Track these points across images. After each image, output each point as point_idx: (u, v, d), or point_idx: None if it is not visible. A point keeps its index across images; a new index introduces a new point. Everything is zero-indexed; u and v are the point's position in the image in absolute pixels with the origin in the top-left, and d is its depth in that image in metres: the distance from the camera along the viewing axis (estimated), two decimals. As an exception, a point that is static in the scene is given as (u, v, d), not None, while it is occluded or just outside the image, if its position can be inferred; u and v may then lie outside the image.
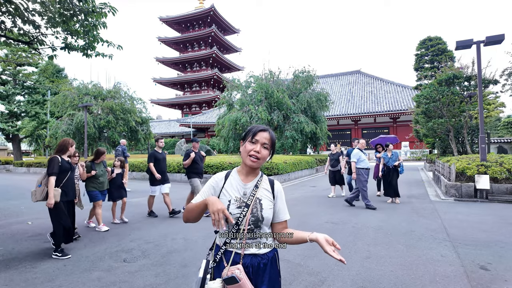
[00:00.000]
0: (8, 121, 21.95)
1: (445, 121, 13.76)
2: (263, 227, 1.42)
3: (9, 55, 19.89)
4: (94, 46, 6.02)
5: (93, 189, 5.26)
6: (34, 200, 4.03)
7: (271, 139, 1.42)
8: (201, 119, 41.25)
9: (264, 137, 1.41)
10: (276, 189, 1.50)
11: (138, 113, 23.79)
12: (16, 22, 5.46)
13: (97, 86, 23.87)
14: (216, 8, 47.06)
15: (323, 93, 19.84)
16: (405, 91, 33.14)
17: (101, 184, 5.32)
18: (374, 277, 3.24)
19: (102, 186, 5.33)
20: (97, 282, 3.15)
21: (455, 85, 14.25)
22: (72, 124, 20.69)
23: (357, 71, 40.90)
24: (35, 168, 19.90)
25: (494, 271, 3.35)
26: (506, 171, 7.87)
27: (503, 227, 5.19)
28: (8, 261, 3.78)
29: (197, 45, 51.30)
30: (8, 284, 3.11)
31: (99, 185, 5.29)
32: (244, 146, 1.43)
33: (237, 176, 1.48)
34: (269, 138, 1.42)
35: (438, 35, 27.84)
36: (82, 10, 5.23)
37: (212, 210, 1.24)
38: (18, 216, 6.41)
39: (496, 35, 8.55)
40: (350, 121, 33.77)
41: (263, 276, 1.40)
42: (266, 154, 1.41)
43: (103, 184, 5.36)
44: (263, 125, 1.47)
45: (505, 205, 7.18)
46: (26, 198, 8.77)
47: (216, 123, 20.53)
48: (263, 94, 18.17)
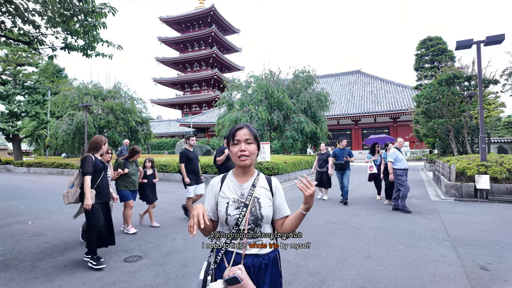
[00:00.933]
0: (8, 121, 21.95)
1: (445, 121, 13.75)
2: (263, 225, 1.42)
3: (9, 55, 19.87)
4: (94, 46, 6.01)
5: (125, 189, 5.05)
6: (66, 202, 3.79)
7: (251, 133, 1.43)
8: (201, 119, 41.24)
9: (243, 134, 1.42)
10: (274, 186, 1.50)
11: (138, 113, 23.80)
12: (16, 22, 5.46)
13: (97, 86, 23.87)
14: (216, 8, 47.05)
15: (323, 93, 19.84)
16: (405, 91, 33.12)
17: (133, 183, 5.13)
18: (374, 277, 3.24)
19: (133, 186, 5.14)
20: (97, 282, 3.15)
21: (455, 85, 14.25)
22: (72, 124, 20.69)
23: (357, 71, 40.87)
24: (35, 168, 19.89)
25: (494, 271, 3.35)
26: (506, 171, 7.87)
27: (503, 227, 5.18)
28: (8, 261, 3.78)
29: (197, 45, 51.29)
30: (8, 284, 3.11)
31: (131, 184, 5.10)
32: (230, 151, 1.45)
33: (233, 178, 1.49)
34: (248, 133, 1.42)
35: (438, 35, 27.82)
36: (82, 10, 5.23)
37: (191, 215, 1.26)
38: (18, 216, 6.41)
39: (496, 35, 8.54)
40: (350, 121, 33.75)
41: (264, 276, 1.40)
42: (253, 148, 1.42)
43: (135, 183, 5.17)
44: (240, 124, 1.48)
45: (505, 205, 7.18)
46: (26, 198, 8.78)
47: (216, 123, 20.53)
48: (263, 94, 18.17)
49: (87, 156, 3.75)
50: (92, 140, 3.91)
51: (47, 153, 30.55)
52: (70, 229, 5.27)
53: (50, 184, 12.61)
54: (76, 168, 17.79)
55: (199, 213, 1.25)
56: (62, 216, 6.38)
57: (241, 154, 1.40)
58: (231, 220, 1.39)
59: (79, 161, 18.84)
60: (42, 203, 7.98)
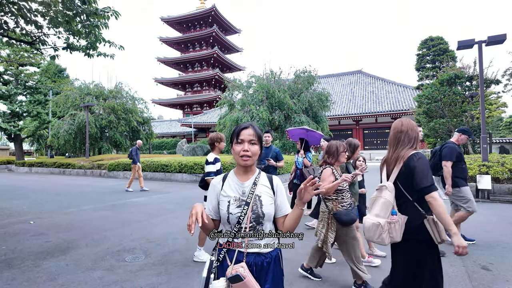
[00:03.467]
0: (10, 121, 22.02)
1: (447, 121, 13.73)
2: (265, 223, 1.43)
3: (11, 55, 19.94)
4: (96, 46, 6.04)
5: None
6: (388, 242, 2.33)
7: (255, 133, 1.43)
8: (203, 119, 41.27)
9: (248, 134, 1.42)
10: (275, 184, 1.50)
11: (140, 113, 23.86)
12: (18, 22, 5.48)
13: (98, 86, 23.94)
14: (217, 8, 47.09)
15: (325, 93, 19.82)
16: (406, 91, 33.07)
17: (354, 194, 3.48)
18: (375, 276, 3.24)
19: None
20: (99, 281, 3.16)
21: (456, 85, 14.24)
22: (73, 124, 20.76)
23: (358, 71, 40.84)
24: (36, 168, 19.94)
25: (496, 271, 3.35)
26: (508, 171, 7.85)
27: (505, 228, 5.18)
28: (10, 260, 3.80)
29: (198, 45, 51.34)
30: (10, 283, 3.13)
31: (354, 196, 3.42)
32: (233, 149, 1.45)
33: (234, 177, 1.49)
34: (253, 133, 1.43)
35: (439, 35, 27.78)
36: (85, 11, 5.25)
37: (190, 214, 1.27)
38: (20, 216, 6.43)
39: (498, 35, 8.52)
40: (351, 121, 33.72)
41: (266, 275, 1.40)
42: (256, 149, 1.43)
43: (356, 194, 3.56)
44: (245, 123, 1.48)
45: (507, 205, 7.16)
46: (28, 198, 8.81)
47: (218, 123, 20.55)
48: (264, 94, 18.17)
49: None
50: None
51: (49, 153, 30.64)
52: (71, 229, 5.29)
53: (51, 184, 12.65)
54: (78, 168, 17.76)
55: (198, 211, 1.25)
56: (64, 215, 6.40)
57: (244, 154, 1.40)
58: (233, 218, 1.40)
59: (80, 160, 18.89)
60: (44, 202, 8.01)
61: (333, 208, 2.96)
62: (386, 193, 2.06)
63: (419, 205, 1.99)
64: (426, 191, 1.91)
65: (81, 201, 8.14)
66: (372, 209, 2.14)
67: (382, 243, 2.02)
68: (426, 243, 1.98)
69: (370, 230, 2.07)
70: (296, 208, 1.40)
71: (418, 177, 1.95)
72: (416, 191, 1.97)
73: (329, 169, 3.04)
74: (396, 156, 2.11)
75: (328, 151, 3.14)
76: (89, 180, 14.52)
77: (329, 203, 3.00)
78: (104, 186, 11.87)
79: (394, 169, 2.09)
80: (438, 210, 1.89)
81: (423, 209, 1.98)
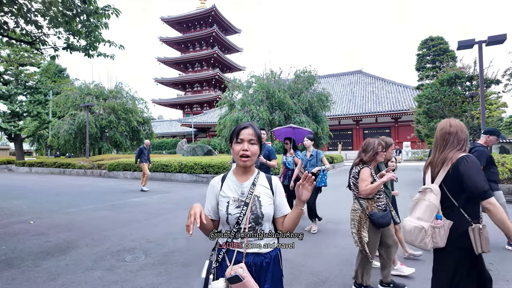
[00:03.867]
0: (10, 121, 22.03)
1: (447, 121, 13.72)
2: (264, 223, 1.42)
3: (11, 55, 19.96)
4: (96, 46, 6.04)
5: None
6: (430, 246, 2.23)
7: (255, 133, 1.43)
8: (203, 119, 41.28)
9: (248, 134, 1.42)
10: (275, 185, 1.50)
11: (140, 113, 23.87)
12: (18, 22, 5.48)
13: (98, 86, 23.96)
14: (217, 8, 47.11)
15: (325, 93, 19.82)
16: (406, 91, 33.08)
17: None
18: (376, 276, 3.23)
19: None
20: (99, 281, 3.16)
21: (456, 85, 14.24)
22: (74, 124, 20.77)
23: (358, 71, 40.86)
24: (37, 168, 19.94)
25: (496, 271, 3.35)
26: (508, 171, 7.85)
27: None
28: (10, 260, 3.80)
29: (198, 45, 51.36)
30: (10, 283, 3.13)
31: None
32: (232, 149, 1.45)
33: (233, 177, 1.49)
34: (253, 133, 1.42)
35: (439, 35, 27.81)
36: (85, 11, 5.25)
37: (188, 215, 1.27)
38: (20, 216, 6.43)
39: (498, 35, 8.53)
40: (351, 121, 33.73)
41: (265, 275, 1.40)
42: (255, 149, 1.43)
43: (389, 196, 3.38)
44: (245, 123, 1.48)
45: (507, 206, 7.14)
46: (28, 198, 8.81)
47: (218, 123, 20.55)
48: (264, 94, 18.17)
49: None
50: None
51: (49, 153, 30.64)
52: (71, 229, 5.29)
53: (51, 184, 12.65)
54: (78, 168, 17.76)
55: (196, 212, 1.25)
56: (64, 215, 6.40)
57: (243, 153, 1.40)
58: (232, 219, 1.39)
59: (80, 160, 18.89)
60: (44, 202, 8.01)
61: (368, 207, 2.77)
62: (431, 196, 1.92)
63: (464, 211, 1.86)
64: (483, 196, 1.76)
65: (81, 201, 8.14)
66: (414, 211, 2.01)
67: (425, 247, 1.90)
68: (465, 250, 1.85)
69: (412, 233, 1.94)
70: (296, 208, 1.40)
71: (471, 182, 1.78)
72: (470, 196, 1.83)
73: (368, 169, 2.82)
74: (444, 158, 1.96)
75: (366, 150, 2.91)
76: (89, 180, 14.52)
77: (364, 201, 2.81)
78: (104, 186, 11.87)
79: (440, 172, 1.95)
80: (499, 217, 1.73)
81: (469, 216, 1.84)
